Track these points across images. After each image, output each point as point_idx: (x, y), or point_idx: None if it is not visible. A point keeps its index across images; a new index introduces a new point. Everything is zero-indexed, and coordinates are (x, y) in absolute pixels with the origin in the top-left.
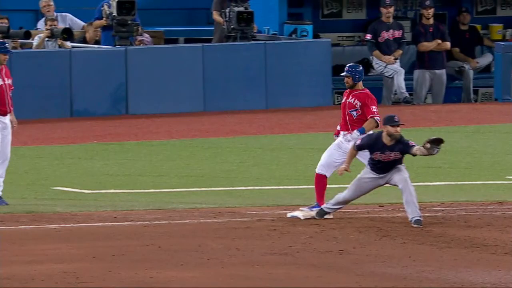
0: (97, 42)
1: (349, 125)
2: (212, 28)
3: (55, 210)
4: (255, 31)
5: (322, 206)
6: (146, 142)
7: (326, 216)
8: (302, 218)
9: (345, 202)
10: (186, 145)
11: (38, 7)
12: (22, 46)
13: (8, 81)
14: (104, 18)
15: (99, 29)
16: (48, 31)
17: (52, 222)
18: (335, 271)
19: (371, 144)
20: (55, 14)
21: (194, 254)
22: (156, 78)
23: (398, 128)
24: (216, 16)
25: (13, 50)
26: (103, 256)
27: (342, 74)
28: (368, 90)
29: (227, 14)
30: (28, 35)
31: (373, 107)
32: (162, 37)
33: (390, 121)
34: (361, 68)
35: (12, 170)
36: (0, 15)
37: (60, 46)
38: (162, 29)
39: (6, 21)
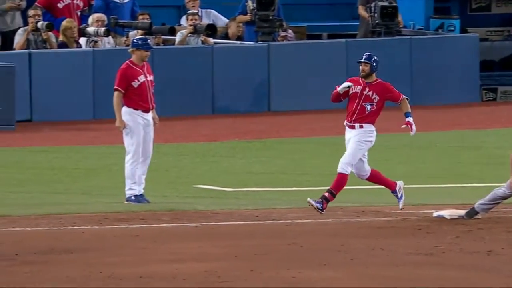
0: (239, 38)
1: (354, 116)
2: (356, 23)
3: (196, 208)
4: (400, 26)
5: (475, 205)
6: (289, 140)
7: (474, 217)
8: (448, 217)
9: (503, 197)
10: (329, 143)
11: (180, 3)
12: (165, 42)
13: (150, 78)
14: (248, 14)
15: (241, 24)
16: (192, 27)
17: (193, 221)
18: (483, 272)
19: None
20: (199, 10)
21: (337, 254)
22: (299, 74)
23: None
24: (361, 10)
25: (155, 47)
26: (245, 255)
27: (361, 60)
28: (380, 79)
29: (372, 8)
30: (172, 31)
31: (396, 90)
32: (305, 33)
33: None
34: (377, 59)
35: (154, 168)
36: (142, 11)
37: (203, 42)
38: (305, 24)
39: (147, 17)
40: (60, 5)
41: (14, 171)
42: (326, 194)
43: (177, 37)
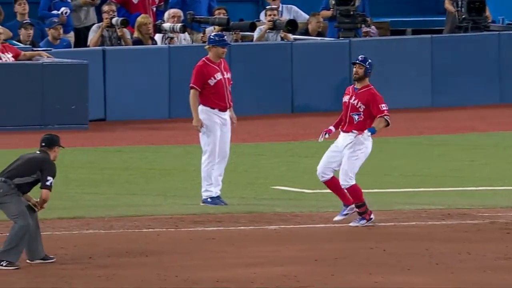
0: (319, 34)
1: (346, 126)
2: (442, 18)
3: (274, 211)
4: (489, 21)
5: None
6: None
7: None
8: None
9: None
10: (412, 143)
11: None
12: (243, 38)
13: (227, 75)
14: (331, 9)
15: (321, 20)
16: (270, 22)
17: (271, 223)
18: None
19: None
20: (280, 5)
21: (422, 258)
22: (382, 71)
23: None
24: (448, 5)
25: (233, 43)
26: (325, 259)
27: (355, 61)
28: (373, 87)
29: (459, 3)
30: (253, 27)
31: (382, 105)
32: (388, 28)
33: None
34: (372, 62)
35: (231, 168)
36: (219, 6)
37: (282, 38)
38: (388, 19)
39: (224, 12)
40: (135, 1)
41: (88, 171)
42: (358, 210)
43: (256, 33)
